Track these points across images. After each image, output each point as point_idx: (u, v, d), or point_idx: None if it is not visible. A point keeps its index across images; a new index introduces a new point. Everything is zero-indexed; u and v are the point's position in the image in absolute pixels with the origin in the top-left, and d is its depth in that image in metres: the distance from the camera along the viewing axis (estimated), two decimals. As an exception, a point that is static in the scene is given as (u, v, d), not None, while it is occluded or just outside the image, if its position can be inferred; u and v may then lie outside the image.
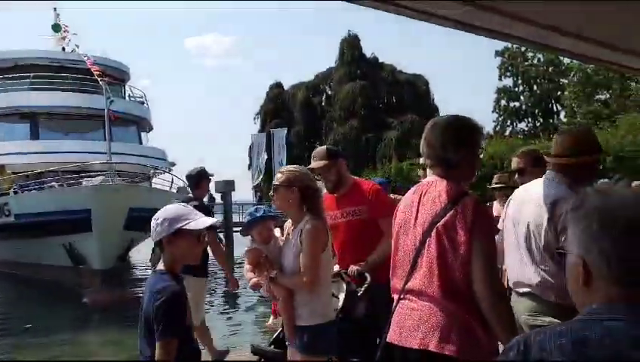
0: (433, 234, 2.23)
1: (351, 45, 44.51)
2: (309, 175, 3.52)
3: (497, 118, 53.76)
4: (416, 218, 2.35)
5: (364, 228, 3.96)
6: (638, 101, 38.79)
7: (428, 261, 2.24)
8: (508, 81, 53.19)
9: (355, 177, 4.34)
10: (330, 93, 46.99)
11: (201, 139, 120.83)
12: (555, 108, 52.87)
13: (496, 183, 6.16)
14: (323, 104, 46.61)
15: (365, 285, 3.68)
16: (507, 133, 49.74)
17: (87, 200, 16.38)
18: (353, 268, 3.81)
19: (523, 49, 49.23)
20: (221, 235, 27.08)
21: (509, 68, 52.05)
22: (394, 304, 2.39)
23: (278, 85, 47.38)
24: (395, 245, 2.46)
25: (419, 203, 2.36)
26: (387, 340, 2.35)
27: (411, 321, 2.25)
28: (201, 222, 2.53)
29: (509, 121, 53.65)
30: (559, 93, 50.08)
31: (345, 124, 42.39)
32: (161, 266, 2.53)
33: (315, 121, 44.62)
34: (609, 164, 23.03)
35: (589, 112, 42.01)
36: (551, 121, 51.99)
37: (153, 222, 2.50)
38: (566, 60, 47.53)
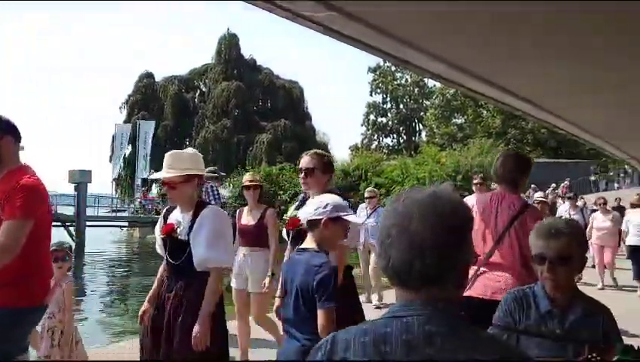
0: (512, 227, 3.30)
1: (229, 44, 43.93)
2: None
3: (365, 131, 56.55)
4: (496, 216, 3.40)
5: None
6: (487, 127, 43.06)
7: (509, 244, 3.30)
8: (378, 98, 56.23)
9: (24, 165, 3.15)
10: (204, 90, 45.90)
11: (58, 123, 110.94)
12: (417, 127, 56.80)
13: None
14: (196, 100, 45.37)
15: None
16: (373, 146, 52.45)
17: None
18: None
19: (393, 68, 52.32)
20: (71, 229, 25.03)
21: (380, 85, 54.96)
22: (474, 272, 3.32)
23: (148, 75, 45.23)
24: (477, 233, 3.38)
25: (497, 206, 3.42)
26: (473, 295, 3.24)
27: (498, 284, 3.25)
28: (354, 217, 2.90)
29: (375, 136, 56.62)
30: (422, 113, 53.88)
31: (217, 122, 41.64)
32: (308, 245, 2.75)
33: (186, 117, 43.26)
34: (459, 183, 25.24)
35: (446, 134, 45.74)
36: (413, 139, 55.76)
37: (317, 203, 2.76)
38: (430, 83, 51.47)
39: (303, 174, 3.58)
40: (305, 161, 3.62)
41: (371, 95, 55.91)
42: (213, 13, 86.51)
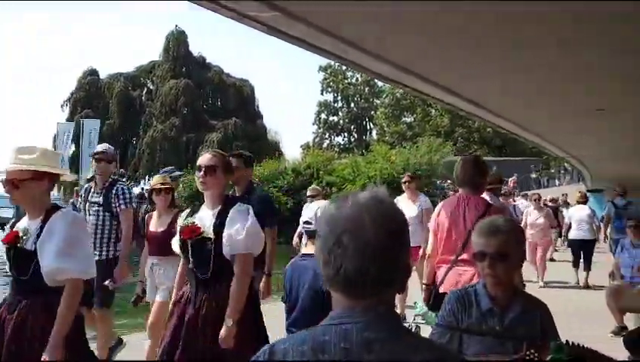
0: None
1: (177, 41, 43.07)
2: None
3: (317, 130, 56.71)
4: (464, 216, 3.69)
5: None
6: (436, 126, 44.00)
7: None
8: (329, 97, 56.47)
9: None
10: (151, 87, 44.83)
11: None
12: (368, 126, 57.40)
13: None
14: (143, 98, 44.26)
15: None
16: (325, 145, 52.68)
17: None
18: None
19: (344, 67, 52.70)
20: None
21: (331, 84, 55.19)
22: (447, 269, 3.70)
23: (92, 72, 43.75)
24: (448, 233, 3.74)
25: (464, 208, 3.73)
26: (444, 290, 3.46)
27: (466, 278, 3.51)
28: None
29: (327, 134, 56.87)
30: (372, 112, 54.49)
31: (165, 121, 40.77)
32: (313, 251, 2.67)
33: (132, 115, 42.12)
34: (409, 181, 25.69)
35: (396, 132, 46.45)
36: (364, 137, 56.33)
37: (316, 211, 2.80)
38: (380, 82, 52.09)
39: (202, 172, 3.17)
40: (205, 158, 3.25)
41: (322, 94, 56.18)
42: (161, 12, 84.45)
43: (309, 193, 8.13)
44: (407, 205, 6.38)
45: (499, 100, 4.55)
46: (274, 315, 3.82)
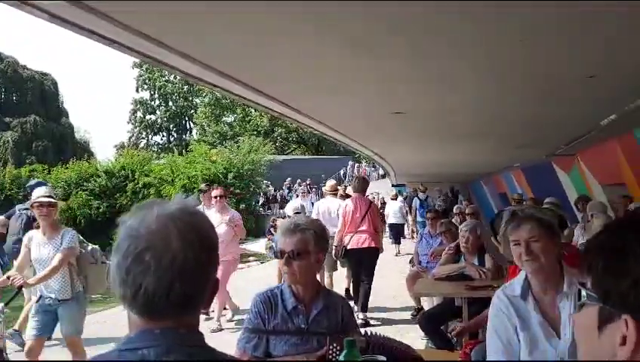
0: (367, 213, 6.79)
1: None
2: None
3: (132, 129, 53.57)
4: (360, 208, 6.82)
5: None
6: (256, 126, 44.57)
7: (368, 222, 6.77)
8: (145, 94, 53.71)
9: None
10: None
11: None
12: (188, 125, 55.91)
13: None
14: None
15: None
16: (142, 145, 50.04)
17: None
18: None
19: (160, 64, 50.43)
20: None
21: (147, 81, 52.53)
22: (351, 236, 6.77)
23: None
24: (352, 217, 6.78)
25: (360, 203, 6.87)
26: (353, 247, 6.75)
27: (363, 239, 6.74)
28: None
29: (144, 134, 54.08)
30: (192, 111, 53.20)
31: (-55, 118, 35.07)
32: None
33: None
34: (230, 180, 25.60)
35: (217, 132, 46.01)
36: (184, 136, 54.75)
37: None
38: (199, 81, 50.93)
39: None
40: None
41: (138, 91, 53.24)
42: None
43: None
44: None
45: (307, 102, 4.70)
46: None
